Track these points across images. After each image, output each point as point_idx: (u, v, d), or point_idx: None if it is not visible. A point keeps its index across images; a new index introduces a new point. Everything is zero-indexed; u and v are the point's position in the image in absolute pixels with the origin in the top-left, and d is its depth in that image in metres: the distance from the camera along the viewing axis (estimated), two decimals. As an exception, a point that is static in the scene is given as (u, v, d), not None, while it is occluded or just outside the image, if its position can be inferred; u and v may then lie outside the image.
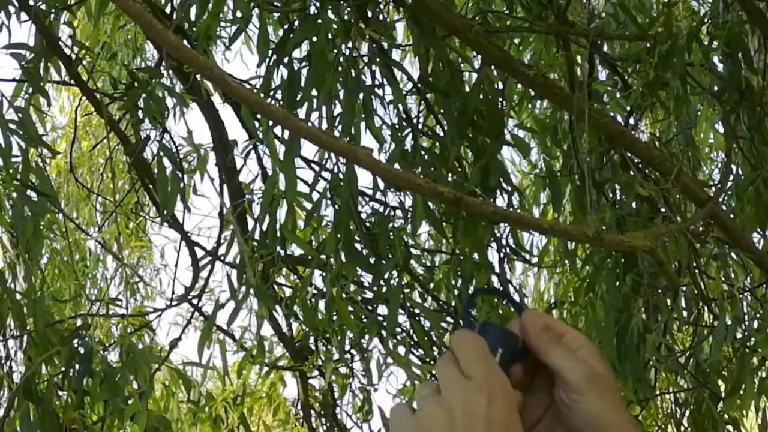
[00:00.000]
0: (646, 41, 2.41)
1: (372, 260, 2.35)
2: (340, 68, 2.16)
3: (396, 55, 2.93)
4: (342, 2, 2.26)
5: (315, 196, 2.29)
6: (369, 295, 2.50)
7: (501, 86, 2.51)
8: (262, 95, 2.22)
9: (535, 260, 3.27)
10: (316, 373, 3.23)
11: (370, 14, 2.34)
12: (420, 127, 2.54)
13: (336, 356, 2.85)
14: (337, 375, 2.95)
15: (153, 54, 3.63)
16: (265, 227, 2.30)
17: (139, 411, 2.31)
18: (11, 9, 2.38)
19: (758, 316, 2.58)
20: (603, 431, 0.76)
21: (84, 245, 4.48)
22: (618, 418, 0.76)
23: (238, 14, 2.34)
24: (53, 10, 2.50)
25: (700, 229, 2.61)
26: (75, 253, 4.07)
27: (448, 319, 2.81)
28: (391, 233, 2.34)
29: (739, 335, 2.49)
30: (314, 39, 2.17)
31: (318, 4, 2.22)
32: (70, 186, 4.71)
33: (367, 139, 2.24)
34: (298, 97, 2.17)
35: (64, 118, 5.12)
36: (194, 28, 2.36)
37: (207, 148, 2.67)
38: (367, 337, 2.52)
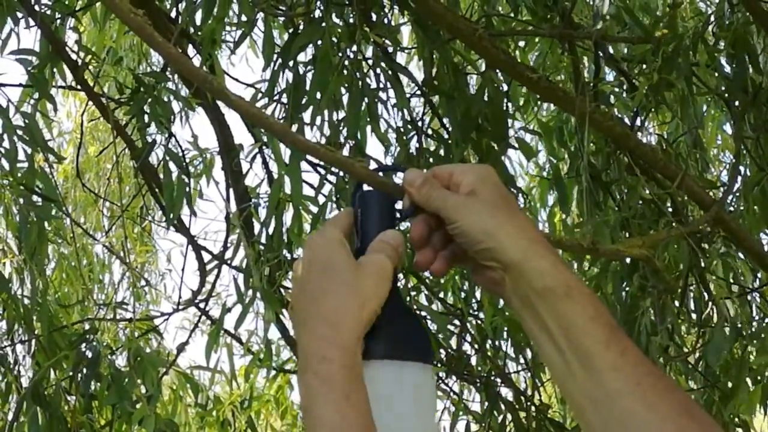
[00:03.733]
0: (652, 42, 2.40)
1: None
2: (344, 72, 2.17)
3: (401, 58, 2.93)
4: (347, 6, 2.26)
5: (321, 199, 2.30)
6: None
7: (506, 88, 2.50)
8: (263, 101, 2.23)
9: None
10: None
11: (374, 18, 2.34)
12: (425, 130, 2.54)
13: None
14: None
15: (158, 59, 3.64)
16: (271, 231, 2.31)
17: (146, 415, 2.31)
18: (18, 14, 2.39)
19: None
20: (476, 243, 0.84)
21: (91, 250, 4.49)
22: (491, 225, 0.84)
23: (243, 18, 2.34)
24: (59, 16, 2.51)
25: (708, 229, 2.60)
26: (82, 258, 4.08)
27: (455, 321, 2.81)
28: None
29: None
30: (319, 43, 2.17)
31: (323, 8, 2.22)
32: (78, 191, 4.73)
33: (373, 142, 2.24)
34: (303, 101, 2.18)
35: (71, 124, 5.14)
36: (199, 33, 2.36)
37: (213, 152, 2.67)
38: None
